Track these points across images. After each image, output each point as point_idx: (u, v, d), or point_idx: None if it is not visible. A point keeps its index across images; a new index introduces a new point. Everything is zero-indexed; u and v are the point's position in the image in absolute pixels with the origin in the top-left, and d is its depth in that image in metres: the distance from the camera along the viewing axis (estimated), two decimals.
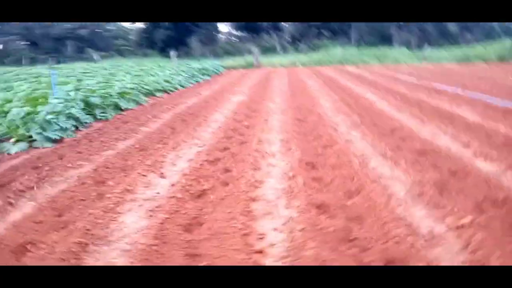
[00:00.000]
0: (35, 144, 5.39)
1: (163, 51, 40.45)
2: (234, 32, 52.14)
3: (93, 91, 7.80)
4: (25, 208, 3.50)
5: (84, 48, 48.47)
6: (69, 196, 3.63)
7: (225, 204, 3.29)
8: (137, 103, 8.85)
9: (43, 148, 5.36)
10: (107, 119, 7.24)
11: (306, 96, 9.88)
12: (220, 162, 4.52)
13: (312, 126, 6.14)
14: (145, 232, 2.91)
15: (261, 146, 5.10)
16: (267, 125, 6.51)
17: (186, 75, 14.10)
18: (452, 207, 3.01)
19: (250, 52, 28.23)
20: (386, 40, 39.52)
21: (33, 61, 38.31)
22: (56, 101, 6.51)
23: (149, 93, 10.07)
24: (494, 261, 2.24)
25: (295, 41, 44.33)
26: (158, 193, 3.71)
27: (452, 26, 37.85)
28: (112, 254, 2.66)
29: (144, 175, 4.14)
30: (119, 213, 3.27)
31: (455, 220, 2.80)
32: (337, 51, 25.35)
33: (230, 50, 43.98)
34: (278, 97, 10.01)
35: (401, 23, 38.65)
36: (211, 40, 45.17)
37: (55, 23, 48.77)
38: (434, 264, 2.28)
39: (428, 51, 25.04)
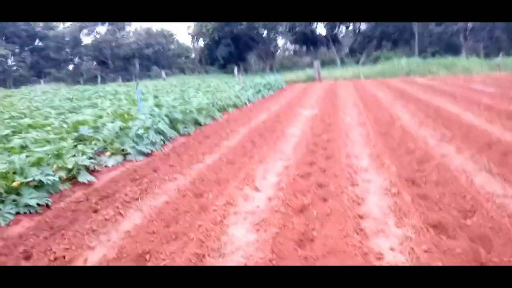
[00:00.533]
0: (128, 157, 5.68)
1: (223, 67, 41.67)
2: (290, 46, 52.45)
3: (174, 107, 8.13)
4: (134, 218, 3.66)
5: (149, 66, 51.30)
6: (173, 208, 3.76)
7: (332, 220, 3.21)
8: (213, 118, 9.09)
9: (136, 161, 5.63)
10: (189, 134, 7.48)
11: (381, 108, 9.59)
12: (312, 177, 4.46)
13: (398, 140, 5.91)
14: (257, 246, 2.91)
15: (350, 161, 4.98)
16: (349, 139, 6.36)
17: (253, 90, 14.31)
18: None
19: (310, 65, 28.10)
20: (452, 49, 37.66)
21: (102, 80, 41.10)
22: (143, 116, 6.85)
23: (223, 109, 10.31)
24: None
25: (354, 53, 43.65)
26: (258, 206, 3.73)
27: None
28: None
29: (240, 188, 4.19)
30: (227, 225, 3.31)
31: None
32: (402, 62, 24.47)
33: (287, 64, 44.26)
34: (351, 110, 9.81)
35: (467, 31, 36.87)
36: (268, 55, 45.77)
37: (123, 44, 52.33)
38: None
39: (500, 58, 23.41)
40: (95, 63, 53.56)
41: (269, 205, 3.68)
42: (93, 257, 2.96)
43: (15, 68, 51.41)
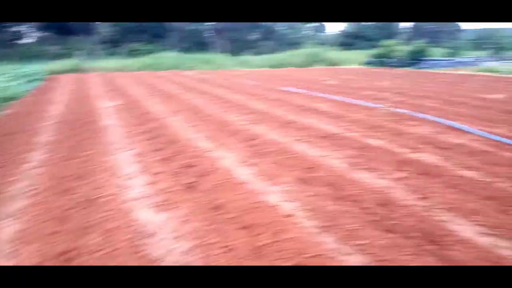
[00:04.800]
0: None
1: None
2: (34, 32, 46.05)
3: None
4: None
5: None
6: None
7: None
8: None
9: None
10: None
11: (176, 97, 10.31)
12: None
13: (216, 121, 6.82)
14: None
15: (192, 142, 5.54)
16: (172, 126, 6.84)
17: (22, 81, 12.39)
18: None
19: (60, 56, 25.42)
20: (202, 45, 41.98)
21: None
22: None
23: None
24: None
25: (112, 44, 42.46)
26: (141, 191, 3.87)
27: (253, 35, 43.38)
28: None
29: (118, 177, 4.14)
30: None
31: None
32: (169, 55, 25.82)
33: (29, 54, 38.78)
34: (151, 98, 10.12)
35: (217, 31, 41.98)
36: (9, 41, 38.87)
37: None
38: None
39: (245, 57, 28.15)
40: None
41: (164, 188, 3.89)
42: None
43: None
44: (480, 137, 5.78)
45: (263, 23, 42.95)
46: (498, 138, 5.62)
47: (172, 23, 41.62)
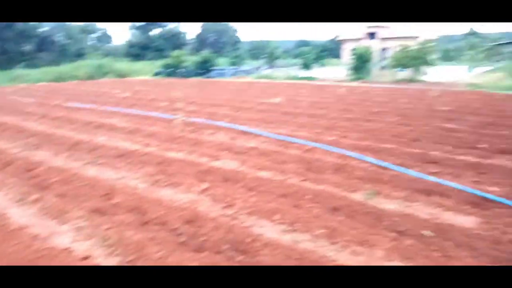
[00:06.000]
0: None
1: None
2: None
3: None
4: None
5: None
6: None
7: None
8: None
9: None
10: None
11: None
12: None
13: None
14: None
15: None
16: None
17: None
18: None
19: None
20: None
21: None
22: None
23: None
24: None
25: None
26: None
27: (26, 46, 37.25)
28: None
29: None
30: None
31: None
32: None
33: None
34: None
35: None
36: None
37: None
38: None
39: (18, 71, 24.17)
40: None
41: None
42: None
43: None
44: (268, 139, 6.36)
45: (37, 33, 37.74)
46: (282, 137, 6.30)
47: None
